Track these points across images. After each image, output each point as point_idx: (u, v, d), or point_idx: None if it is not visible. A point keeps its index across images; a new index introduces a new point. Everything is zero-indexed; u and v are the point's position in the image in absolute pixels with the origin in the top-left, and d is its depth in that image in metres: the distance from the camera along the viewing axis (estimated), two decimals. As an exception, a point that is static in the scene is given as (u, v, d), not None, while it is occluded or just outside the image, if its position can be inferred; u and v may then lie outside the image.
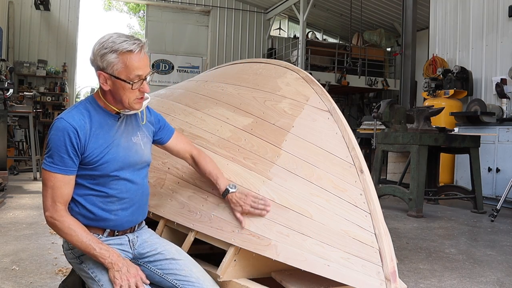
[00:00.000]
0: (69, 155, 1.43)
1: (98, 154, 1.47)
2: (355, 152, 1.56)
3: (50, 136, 1.44)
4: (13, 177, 6.68)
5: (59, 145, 1.42)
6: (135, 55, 1.44)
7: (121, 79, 1.44)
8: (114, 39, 1.44)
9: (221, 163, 1.82)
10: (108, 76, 1.45)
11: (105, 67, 1.44)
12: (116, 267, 1.43)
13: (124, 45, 1.42)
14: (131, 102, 1.49)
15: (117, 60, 1.43)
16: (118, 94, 1.48)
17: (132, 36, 1.48)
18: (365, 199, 1.45)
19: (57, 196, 1.43)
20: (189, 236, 1.77)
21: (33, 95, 7.42)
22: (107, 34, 1.47)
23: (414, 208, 4.62)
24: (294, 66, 2.08)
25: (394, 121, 5.39)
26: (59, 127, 1.43)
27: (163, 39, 13.91)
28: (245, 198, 1.58)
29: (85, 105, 1.51)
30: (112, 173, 1.51)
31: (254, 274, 1.64)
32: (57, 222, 1.43)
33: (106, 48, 1.43)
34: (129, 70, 1.44)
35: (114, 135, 1.52)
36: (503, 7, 6.55)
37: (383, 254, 1.33)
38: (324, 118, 1.71)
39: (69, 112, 1.47)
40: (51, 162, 1.43)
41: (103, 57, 1.43)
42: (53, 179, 1.43)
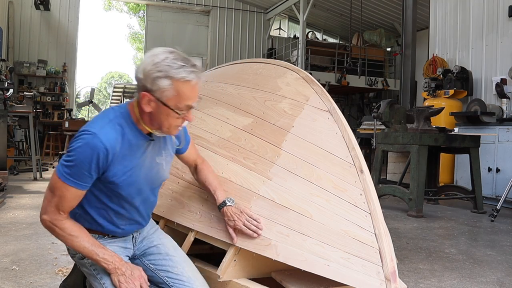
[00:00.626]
0: (90, 173, 1.34)
1: (120, 176, 1.40)
2: (355, 152, 1.56)
3: (77, 148, 1.32)
4: (13, 177, 6.68)
5: (83, 162, 1.32)
6: (192, 85, 1.34)
7: (169, 106, 1.33)
8: (170, 63, 1.31)
9: (221, 163, 1.82)
10: (154, 100, 1.33)
11: (154, 90, 1.32)
12: (119, 272, 1.42)
13: (182, 73, 1.30)
14: (170, 128, 1.40)
15: (170, 87, 1.31)
16: (158, 118, 1.37)
17: (188, 60, 1.35)
18: (365, 199, 1.45)
19: (63, 206, 1.37)
20: (189, 236, 1.77)
21: (33, 95, 7.42)
22: (161, 52, 1.34)
23: (414, 208, 4.62)
24: (294, 66, 2.08)
25: (394, 121, 5.39)
26: (90, 144, 1.31)
27: (163, 39, 13.90)
28: (240, 214, 1.55)
29: (119, 120, 1.40)
30: (127, 197, 1.46)
31: (254, 274, 1.64)
32: (56, 228, 1.38)
33: (160, 71, 1.30)
34: (180, 99, 1.33)
35: (140, 156, 1.44)
36: (503, 7, 6.55)
37: (383, 254, 1.33)
38: (324, 118, 1.71)
39: (103, 128, 1.35)
40: (69, 174, 1.33)
41: (155, 80, 1.31)
42: (65, 190, 1.35)
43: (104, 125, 1.36)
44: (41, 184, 6.10)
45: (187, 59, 1.35)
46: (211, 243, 1.71)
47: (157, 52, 1.34)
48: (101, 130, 1.34)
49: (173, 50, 1.36)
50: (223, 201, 1.61)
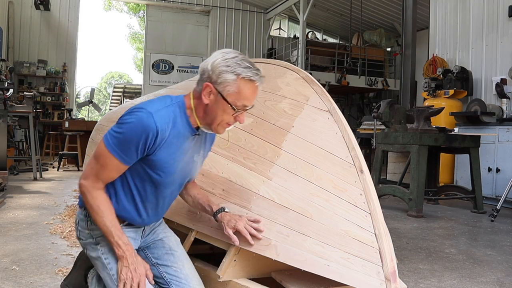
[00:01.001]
0: (136, 150, 1.38)
1: (164, 163, 1.44)
2: (355, 152, 1.56)
3: (130, 122, 1.36)
4: (13, 177, 6.68)
5: (133, 137, 1.35)
6: (254, 85, 1.40)
7: (227, 101, 1.39)
8: (239, 61, 1.39)
9: (221, 163, 1.82)
10: (215, 92, 1.39)
11: (218, 82, 1.38)
12: (125, 262, 1.43)
13: (247, 72, 1.38)
14: (220, 125, 1.45)
15: (234, 82, 1.38)
16: (214, 112, 1.43)
17: (254, 64, 1.42)
18: (365, 199, 1.45)
19: (103, 176, 1.41)
20: (189, 236, 1.78)
21: (33, 95, 7.42)
22: (232, 51, 1.42)
23: (414, 208, 4.62)
24: (294, 66, 2.08)
25: (394, 121, 5.39)
26: (143, 121, 1.35)
27: (163, 39, 13.91)
28: (239, 218, 1.56)
29: (174, 108, 1.44)
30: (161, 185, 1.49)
31: (254, 274, 1.64)
32: (89, 195, 1.42)
33: (229, 66, 1.38)
34: (239, 97, 1.39)
35: (183, 149, 1.48)
36: (503, 7, 6.54)
37: (383, 254, 1.33)
38: (324, 118, 1.71)
39: (160, 111, 1.39)
40: (116, 145, 1.37)
41: (221, 73, 1.37)
42: (109, 160, 1.39)
43: (161, 108, 1.40)
44: (41, 184, 6.11)
45: (254, 63, 1.42)
46: (211, 243, 1.71)
47: (228, 51, 1.43)
48: (157, 112, 1.38)
49: (242, 53, 1.45)
50: (221, 207, 1.61)
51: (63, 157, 8.41)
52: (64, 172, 7.99)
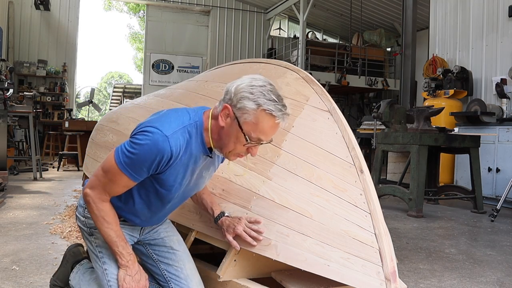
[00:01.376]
0: (148, 170, 1.35)
1: (172, 182, 1.42)
2: (355, 152, 1.56)
3: (144, 144, 1.31)
4: (13, 177, 6.68)
5: (146, 160, 1.32)
6: (275, 122, 1.31)
7: (242, 129, 1.32)
8: (265, 91, 1.30)
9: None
10: (233, 116, 1.32)
11: (237, 107, 1.31)
12: (128, 271, 1.43)
13: (270, 106, 1.29)
14: (230, 153, 1.39)
15: (253, 111, 1.30)
16: (227, 137, 1.36)
17: (282, 99, 1.33)
18: (365, 199, 1.45)
19: (110, 190, 1.40)
20: (189, 236, 1.78)
21: (33, 95, 7.42)
22: (262, 79, 1.34)
23: (414, 208, 4.62)
24: (294, 66, 2.08)
25: (394, 121, 5.39)
26: (158, 144, 1.30)
27: (163, 39, 13.91)
28: (238, 221, 1.56)
29: (192, 128, 1.38)
30: (167, 199, 1.48)
31: (254, 274, 1.64)
32: (94, 206, 1.41)
33: (252, 94, 1.30)
34: (256, 129, 1.31)
35: (194, 169, 1.45)
36: (503, 7, 6.54)
37: (383, 254, 1.33)
38: (324, 118, 1.71)
39: (175, 133, 1.33)
40: (127, 164, 1.33)
41: (242, 98, 1.30)
42: (119, 177, 1.36)
43: (177, 130, 1.34)
44: (41, 184, 6.11)
45: (281, 98, 1.33)
46: (211, 243, 1.71)
47: (258, 78, 1.35)
48: (173, 135, 1.33)
49: (273, 83, 1.36)
50: (221, 212, 1.61)
51: (63, 157, 8.41)
52: (64, 172, 7.99)
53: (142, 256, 1.63)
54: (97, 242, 1.50)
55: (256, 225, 1.54)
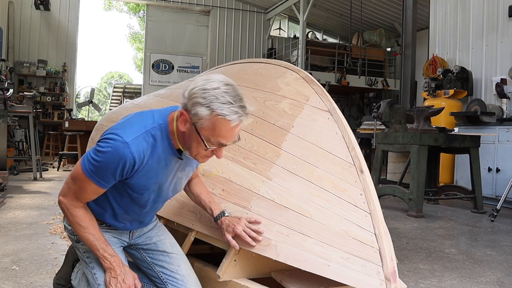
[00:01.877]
0: (114, 176, 1.34)
1: (142, 186, 1.41)
2: (355, 152, 1.56)
3: (106, 152, 1.30)
4: (13, 177, 6.68)
5: (109, 166, 1.31)
6: (231, 126, 1.25)
7: (200, 135, 1.28)
8: (218, 94, 1.24)
9: (221, 163, 1.82)
10: (190, 122, 1.28)
11: (192, 114, 1.26)
12: (113, 273, 1.42)
13: (225, 110, 1.22)
14: (197, 156, 1.36)
15: (207, 117, 1.24)
16: (189, 142, 1.33)
17: (240, 99, 1.26)
18: (365, 199, 1.45)
19: (81, 196, 1.40)
20: (189, 236, 1.78)
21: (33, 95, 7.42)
22: (216, 80, 1.27)
23: (414, 208, 4.62)
24: (294, 66, 2.08)
25: (394, 121, 5.39)
26: (119, 151, 1.29)
27: (163, 39, 13.91)
28: (238, 221, 1.54)
29: (155, 131, 1.36)
30: (142, 203, 1.48)
31: (254, 274, 1.64)
32: (68, 213, 1.42)
33: (204, 98, 1.24)
34: (213, 133, 1.27)
35: (166, 171, 1.44)
36: (503, 7, 6.54)
37: (383, 254, 1.33)
38: (324, 118, 1.71)
39: (137, 138, 1.31)
40: (93, 171, 1.33)
41: (196, 104, 1.25)
42: (87, 184, 1.36)
43: (139, 135, 1.33)
44: (41, 184, 6.10)
45: (239, 98, 1.27)
46: (211, 243, 1.71)
47: (213, 79, 1.28)
48: (134, 141, 1.31)
49: (231, 83, 1.29)
50: (221, 211, 1.59)
51: (63, 157, 8.41)
52: (64, 172, 7.99)
53: (137, 260, 1.63)
54: (84, 248, 1.50)
55: (256, 225, 1.53)
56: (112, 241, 1.53)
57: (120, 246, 1.58)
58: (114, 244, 1.53)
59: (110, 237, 1.54)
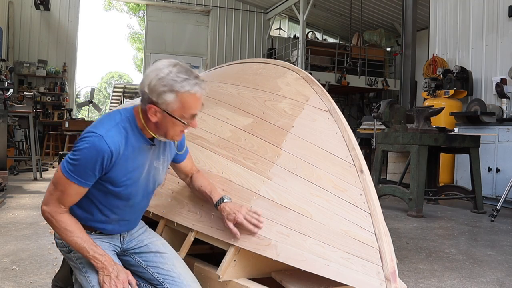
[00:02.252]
0: (94, 173, 1.39)
1: (121, 178, 1.45)
2: (355, 152, 1.56)
3: (83, 149, 1.37)
4: (13, 177, 6.68)
5: (88, 162, 1.36)
6: (197, 97, 1.39)
7: (174, 117, 1.39)
8: (174, 77, 1.36)
9: (221, 163, 1.82)
10: (160, 111, 1.39)
11: (160, 103, 1.37)
12: (106, 272, 1.43)
13: (186, 87, 1.36)
14: (175, 135, 1.46)
15: (174, 99, 1.36)
16: (165, 127, 1.43)
17: (191, 72, 1.39)
18: (365, 199, 1.45)
19: (64, 201, 1.43)
20: (189, 236, 1.78)
21: (33, 95, 7.42)
22: (165, 66, 1.39)
23: (414, 208, 4.62)
24: (294, 66, 2.08)
25: (394, 121, 5.39)
26: (96, 145, 1.36)
27: (163, 39, 13.91)
28: (239, 208, 1.56)
29: (124, 123, 1.45)
30: (124, 196, 1.50)
31: (254, 274, 1.64)
32: (53, 220, 1.44)
33: (165, 86, 1.36)
34: (185, 109, 1.39)
35: (141, 160, 1.49)
36: (503, 7, 6.54)
37: (383, 254, 1.33)
38: (324, 118, 1.71)
39: (109, 131, 1.39)
40: (72, 171, 1.38)
41: (160, 94, 1.36)
42: (68, 186, 1.40)
43: (111, 128, 1.41)
44: (41, 184, 6.10)
45: (190, 71, 1.40)
46: (211, 243, 1.71)
47: (161, 66, 1.39)
48: (107, 133, 1.38)
49: (176, 62, 1.42)
50: (220, 198, 1.61)
51: (63, 157, 8.40)
52: (64, 172, 7.98)
53: (131, 267, 1.63)
54: (76, 255, 1.53)
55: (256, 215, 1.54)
56: (104, 246, 1.54)
57: (113, 251, 1.59)
58: (107, 249, 1.54)
59: (102, 243, 1.55)
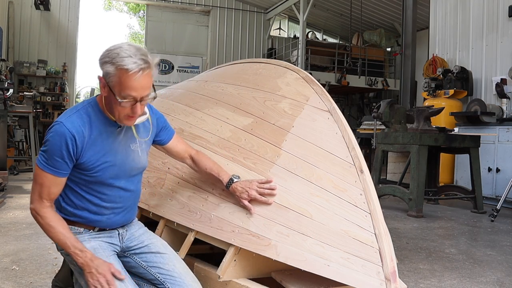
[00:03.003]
0: (63, 159, 1.43)
1: (95, 162, 1.47)
2: (355, 152, 1.56)
3: (48, 137, 1.43)
4: (13, 177, 6.68)
5: (55, 149, 1.42)
6: (131, 74, 1.38)
7: (113, 92, 1.41)
8: (120, 51, 1.39)
9: (221, 163, 1.82)
10: (104, 83, 1.43)
11: (104, 75, 1.42)
12: (87, 269, 1.44)
13: (125, 61, 1.37)
14: (120, 117, 1.46)
15: (113, 73, 1.39)
16: (110, 105, 1.46)
17: (142, 54, 1.40)
18: (365, 199, 1.45)
19: (44, 193, 1.45)
20: (189, 236, 1.78)
21: (33, 95, 7.42)
22: (121, 44, 1.43)
23: (414, 208, 4.62)
24: (294, 66, 2.08)
25: (394, 121, 5.39)
26: (58, 132, 1.42)
27: (163, 39, 13.90)
28: (250, 184, 1.60)
29: (86, 109, 1.49)
30: (107, 181, 1.52)
31: (254, 274, 1.64)
32: (39, 216, 1.47)
33: (109, 57, 1.39)
34: (122, 87, 1.39)
35: (112, 142, 1.52)
36: (503, 7, 6.54)
37: (383, 254, 1.33)
38: (324, 118, 1.71)
39: (70, 117, 1.45)
40: (45, 161, 1.43)
41: (103, 65, 1.41)
42: (44, 177, 1.44)
43: (71, 115, 1.46)
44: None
45: (141, 53, 1.40)
46: (211, 243, 1.71)
47: (121, 44, 1.42)
48: (67, 119, 1.44)
49: (133, 44, 1.44)
50: (230, 179, 1.65)
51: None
52: (64, 172, 7.98)
53: (132, 268, 1.63)
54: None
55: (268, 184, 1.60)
56: (103, 246, 1.54)
57: (113, 251, 1.58)
58: (106, 249, 1.54)
59: (102, 243, 1.55)
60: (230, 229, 1.62)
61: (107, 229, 1.60)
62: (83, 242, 1.52)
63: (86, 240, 1.54)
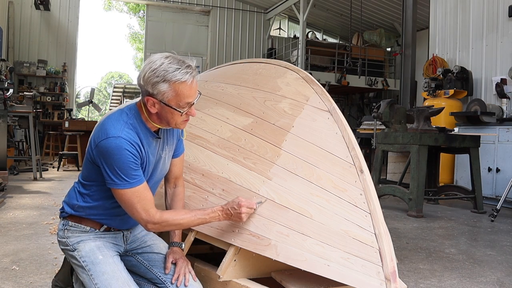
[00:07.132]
0: (137, 166, 1.46)
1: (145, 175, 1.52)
2: (355, 152, 1.56)
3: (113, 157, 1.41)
4: (13, 177, 6.68)
5: (126, 162, 1.43)
6: (188, 85, 1.44)
7: (171, 106, 1.45)
8: (166, 67, 1.42)
9: (221, 163, 1.82)
10: (158, 102, 1.45)
11: (155, 94, 1.44)
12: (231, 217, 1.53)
13: (177, 75, 1.42)
14: (177, 124, 1.52)
15: (169, 89, 1.42)
16: (165, 117, 1.49)
17: (183, 62, 1.46)
18: (365, 199, 1.45)
19: (147, 205, 1.47)
20: (189, 236, 1.78)
21: (33, 95, 7.41)
22: (158, 59, 1.45)
23: (414, 208, 4.62)
24: (294, 66, 2.08)
25: (394, 121, 5.39)
26: (120, 146, 1.42)
27: (163, 39, 13.90)
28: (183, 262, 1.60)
29: (132, 121, 1.50)
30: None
31: (254, 274, 1.64)
32: (160, 226, 1.48)
33: (158, 76, 1.42)
34: (179, 98, 1.44)
35: (151, 152, 1.55)
36: (503, 7, 6.54)
37: (383, 254, 1.33)
38: (324, 118, 1.71)
39: (122, 131, 1.45)
40: (126, 181, 1.43)
41: (154, 85, 1.43)
42: (137, 193, 1.45)
43: (122, 129, 1.46)
44: (41, 184, 6.10)
45: (182, 61, 1.46)
46: (211, 243, 1.71)
47: (154, 59, 1.46)
48: (121, 132, 1.45)
49: (168, 55, 1.47)
50: (175, 242, 1.66)
51: (63, 157, 8.41)
52: (64, 172, 7.99)
53: (134, 268, 1.66)
54: (80, 253, 1.55)
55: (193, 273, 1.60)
56: (108, 246, 1.57)
57: (116, 251, 1.61)
58: (110, 250, 1.57)
59: (106, 243, 1.58)
60: (230, 229, 1.62)
61: (112, 230, 1.62)
62: (88, 241, 1.55)
63: (92, 239, 1.56)
